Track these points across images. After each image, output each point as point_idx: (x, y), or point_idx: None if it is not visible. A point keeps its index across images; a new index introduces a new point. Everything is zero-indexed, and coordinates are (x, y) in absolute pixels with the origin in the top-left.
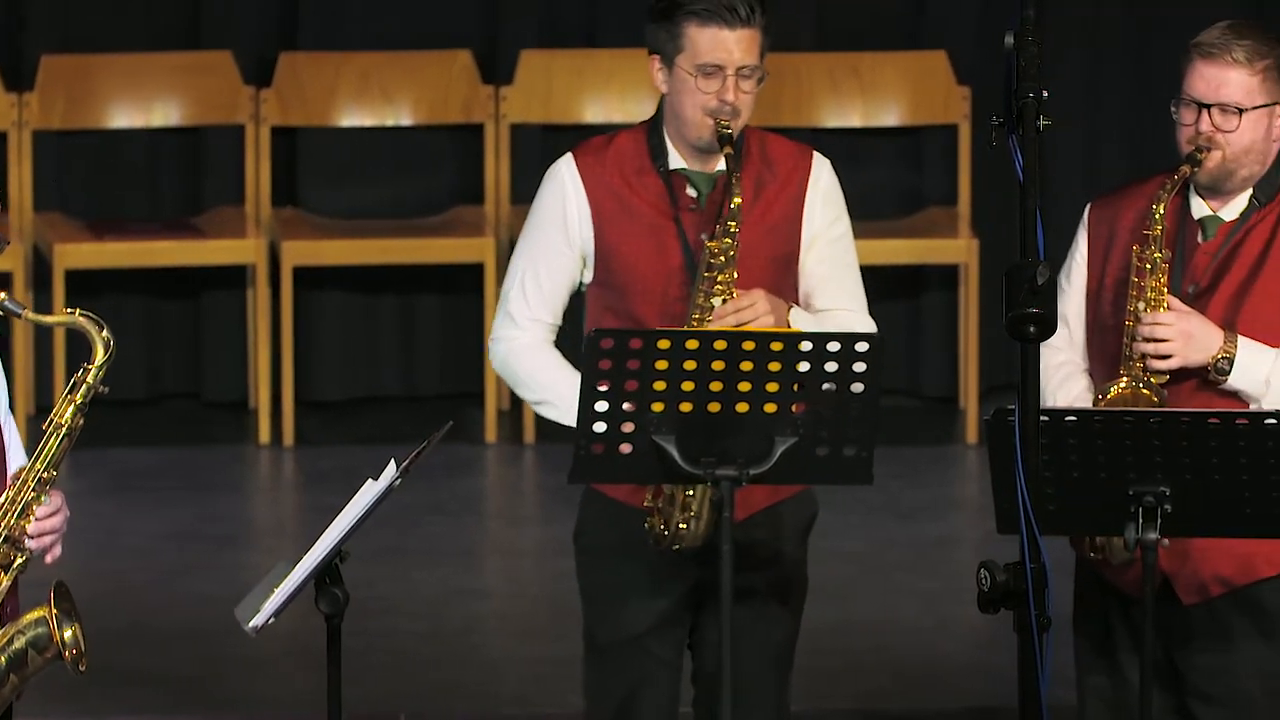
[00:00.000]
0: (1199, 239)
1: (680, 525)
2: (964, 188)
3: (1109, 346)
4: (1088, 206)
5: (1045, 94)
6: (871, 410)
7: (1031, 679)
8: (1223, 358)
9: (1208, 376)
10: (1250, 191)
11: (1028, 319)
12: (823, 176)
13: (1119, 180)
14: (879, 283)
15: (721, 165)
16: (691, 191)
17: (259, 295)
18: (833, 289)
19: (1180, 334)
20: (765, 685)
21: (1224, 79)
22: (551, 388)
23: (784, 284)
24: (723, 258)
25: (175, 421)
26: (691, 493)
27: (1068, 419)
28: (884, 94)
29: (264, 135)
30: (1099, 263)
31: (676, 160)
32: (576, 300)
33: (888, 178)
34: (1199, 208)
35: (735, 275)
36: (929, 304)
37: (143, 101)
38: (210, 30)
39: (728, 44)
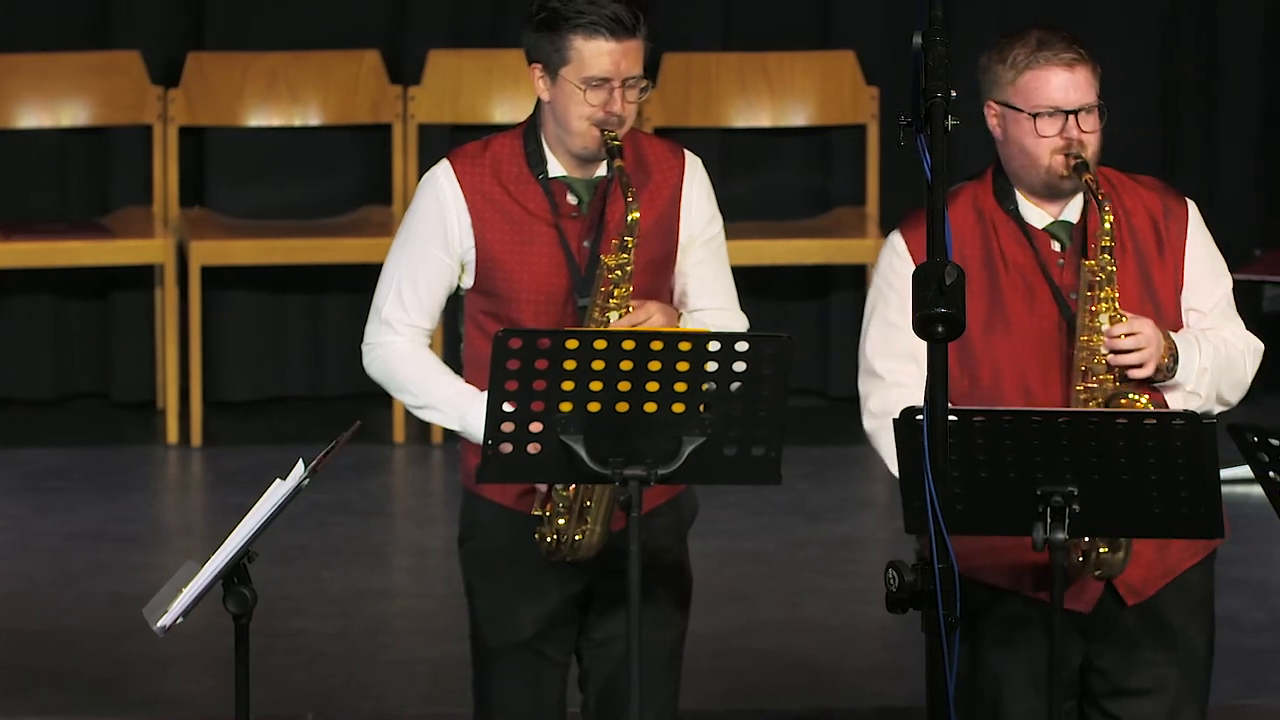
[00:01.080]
0: (1054, 247)
1: (577, 537)
2: (872, 188)
3: (982, 375)
4: (900, 237)
5: (953, 94)
6: (779, 410)
7: (939, 679)
8: (1169, 356)
9: (1155, 377)
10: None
11: (936, 319)
12: (697, 176)
13: None
14: (787, 283)
15: (602, 171)
16: (572, 199)
17: (167, 295)
18: (710, 288)
19: (1148, 340)
20: (658, 686)
21: (1079, 82)
22: (436, 392)
23: (662, 286)
24: (619, 272)
25: (83, 422)
26: (590, 504)
27: (976, 419)
28: (792, 94)
29: (172, 135)
30: None
31: (556, 167)
32: (453, 302)
33: (796, 178)
34: (1039, 217)
35: (631, 289)
36: (837, 304)
37: (50, 101)
38: (118, 30)
39: (614, 56)
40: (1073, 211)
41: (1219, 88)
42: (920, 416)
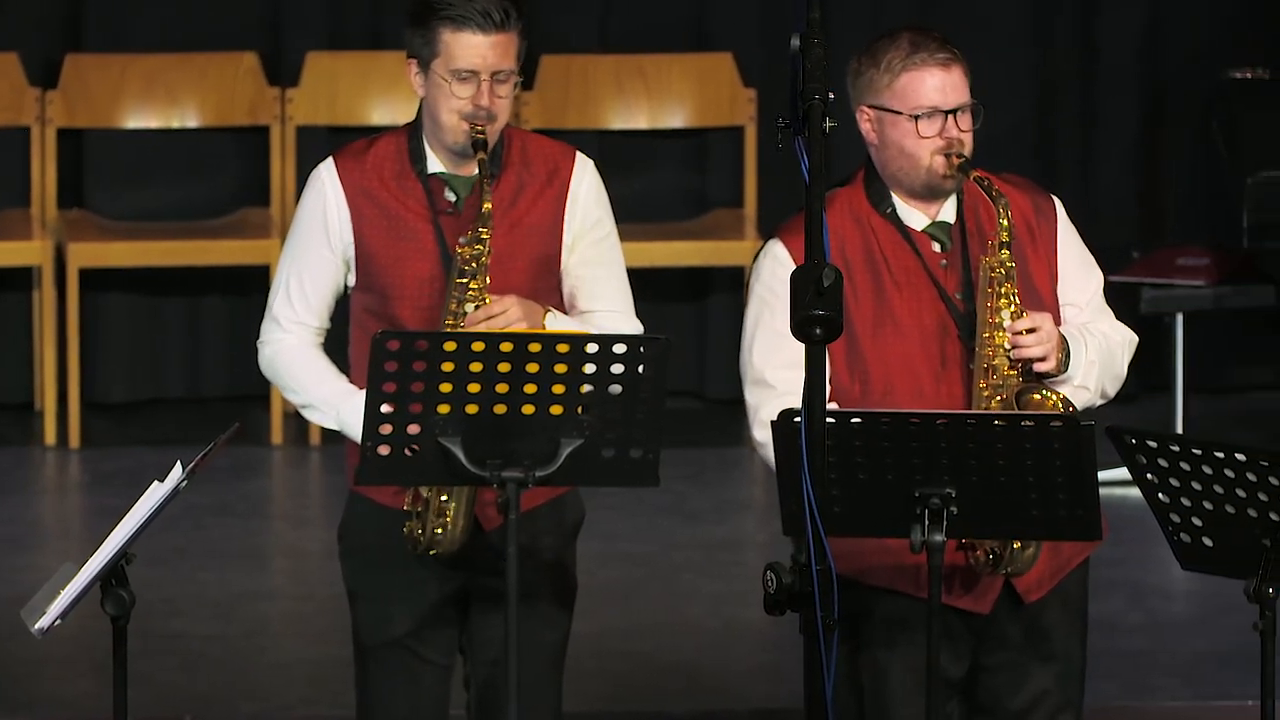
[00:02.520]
0: (934, 248)
1: (436, 530)
2: (750, 190)
3: (872, 379)
4: (780, 244)
5: (831, 96)
6: (657, 412)
7: (818, 681)
8: (1062, 350)
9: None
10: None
11: (814, 320)
12: (585, 178)
13: None
14: (665, 285)
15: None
16: (450, 195)
17: (45, 297)
18: (597, 290)
19: (1048, 335)
20: (541, 687)
21: (955, 82)
22: (316, 391)
23: (545, 285)
24: (474, 264)
25: None
26: (446, 497)
27: (853, 420)
28: (670, 96)
29: (49, 137)
30: None
31: (435, 164)
32: (344, 303)
33: (674, 180)
34: (917, 219)
35: (488, 281)
36: (715, 306)
37: None
38: None
39: (482, 49)
40: (949, 212)
41: (1097, 88)
42: (798, 419)
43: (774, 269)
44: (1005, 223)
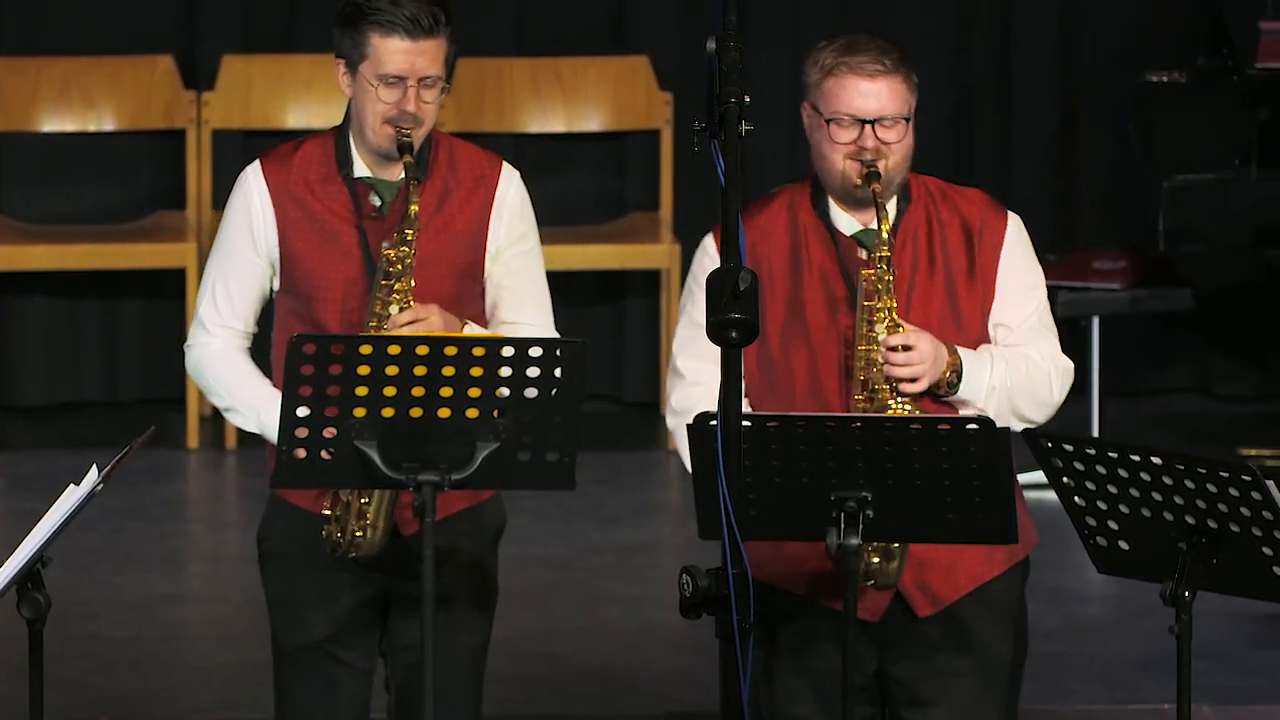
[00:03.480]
0: (860, 254)
1: (356, 534)
2: (666, 193)
3: (779, 379)
4: (711, 238)
5: (747, 99)
6: (574, 416)
7: (733, 684)
8: (951, 372)
9: (937, 392)
10: (895, 199)
11: (730, 324)
12: (511, 187)
13: None
14: (582, 288)
15: (404, 172)
16: (375, 200)
17: None
18: (518, 302)
19: (928, 355)
20: (462, 691)
21: (884, 92)
22: (238, 394)
23: (468, 294)
24: (399, 265)
25: None
26: (366, 500)
27: (770, 424)
28: (586, 99)
29: None
30: None
31: (361, 168)
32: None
33: (590, 183)
34: (847, 224)
35: (413, 284)
36: (631, 309)
37: None
38: None
39: (410, 55)
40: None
41: (1013, 93)
42: (714, 422)
43: (701, 261)
44: (884, 235)
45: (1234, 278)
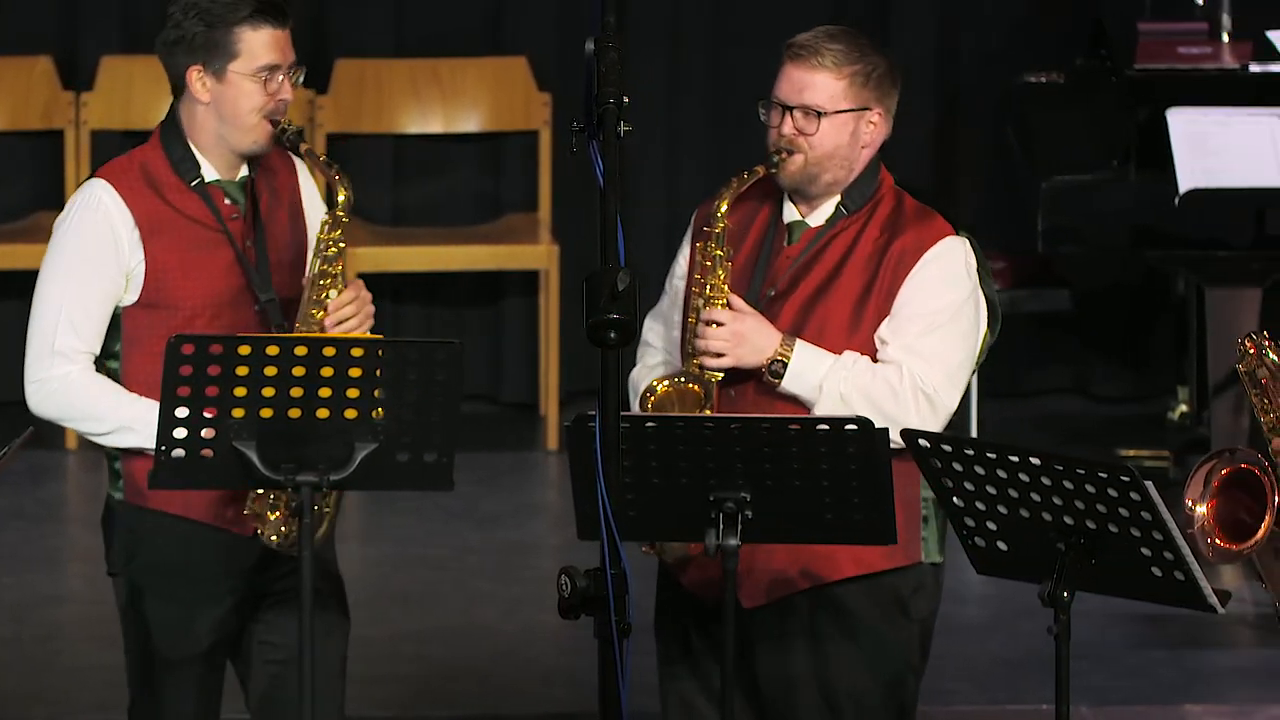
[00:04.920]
0: (784, 243)
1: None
2: (545, 194)
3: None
4: (698, 209)
5: (626, 100)
6: (452, 416)
7: (612, 685)
8: (777, 361)
9: (762, 378)
10: (838, 199)
11: (608, 325)
12: (306, 173)
13: (703, 186)
14: (460, 289)
15: (244, 171)
16: (229, 201)
17: None
18: None
19: (733, 334)
20: (329, 694)
21: (809, 81)
22: (124, 412)
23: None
24: (335, 248)
25: None
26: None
27: (648, 424)
28: (465, 100)
29: None
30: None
31: (211, 172)
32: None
33: (469, 184)
34: (789, 212)
35: (342, 266)
36: (510, 310)
37: None
38: None
39: (281, 42)
40: (819, 217)
41: None
42: (592, 422)
43: (687, 235)
44: (720, 214)
45: (1112, 279)
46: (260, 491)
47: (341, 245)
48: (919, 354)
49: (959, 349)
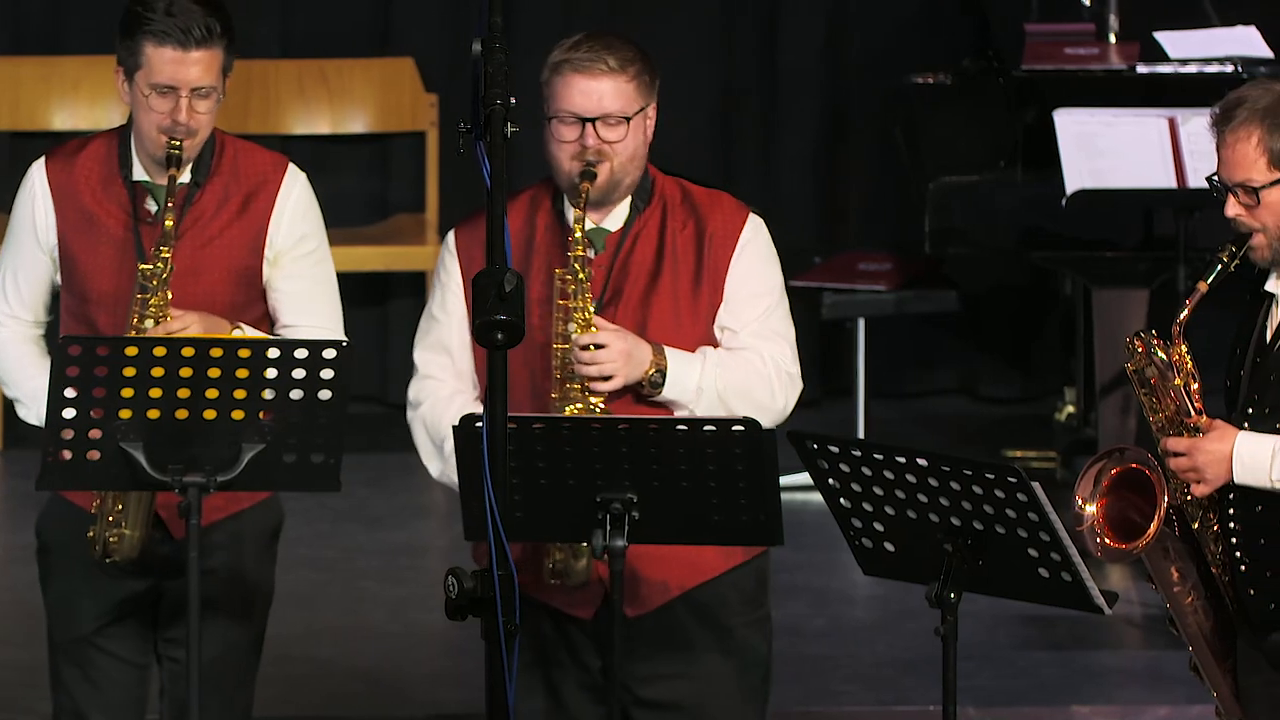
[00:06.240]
0: (589, 253)
1: (111, 538)
2: (432, 195)
3: (513, 369)
4: (452, 234)
5: (513, 101)
6: (339, 417)
7: (500, 685)
8: (655, 371)
9: (641, 391)
10: (629, 199)
11: (496, 325)
12: (294, 191)
13: None
14: (347, 290)
15: (187, 177)
16: (151, 205)
17: None
18: (299, 306)
19: (619, 353)
20: (232, 690)
21: (604, 90)
22: (24, 385)
23: (244, 299)
24: (154, 280)
25: None
26: (122, 506)
27: (535, 425)
28: (352, 101)
29: None
30: None
31: (140, 172)
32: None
33: (356, 185)
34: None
35: (169, 296)
36: (396, 311)
37: None
38: None
39: (183, 65)
40: (615, 220)
41: (779, 93)
42: (479, 424)
43: (442, 257)
44: (579, 235)
45: (1000, 279)
46: (97, 502)
47: (164, 277)
48: (767, 337)
49: (790, 323)
